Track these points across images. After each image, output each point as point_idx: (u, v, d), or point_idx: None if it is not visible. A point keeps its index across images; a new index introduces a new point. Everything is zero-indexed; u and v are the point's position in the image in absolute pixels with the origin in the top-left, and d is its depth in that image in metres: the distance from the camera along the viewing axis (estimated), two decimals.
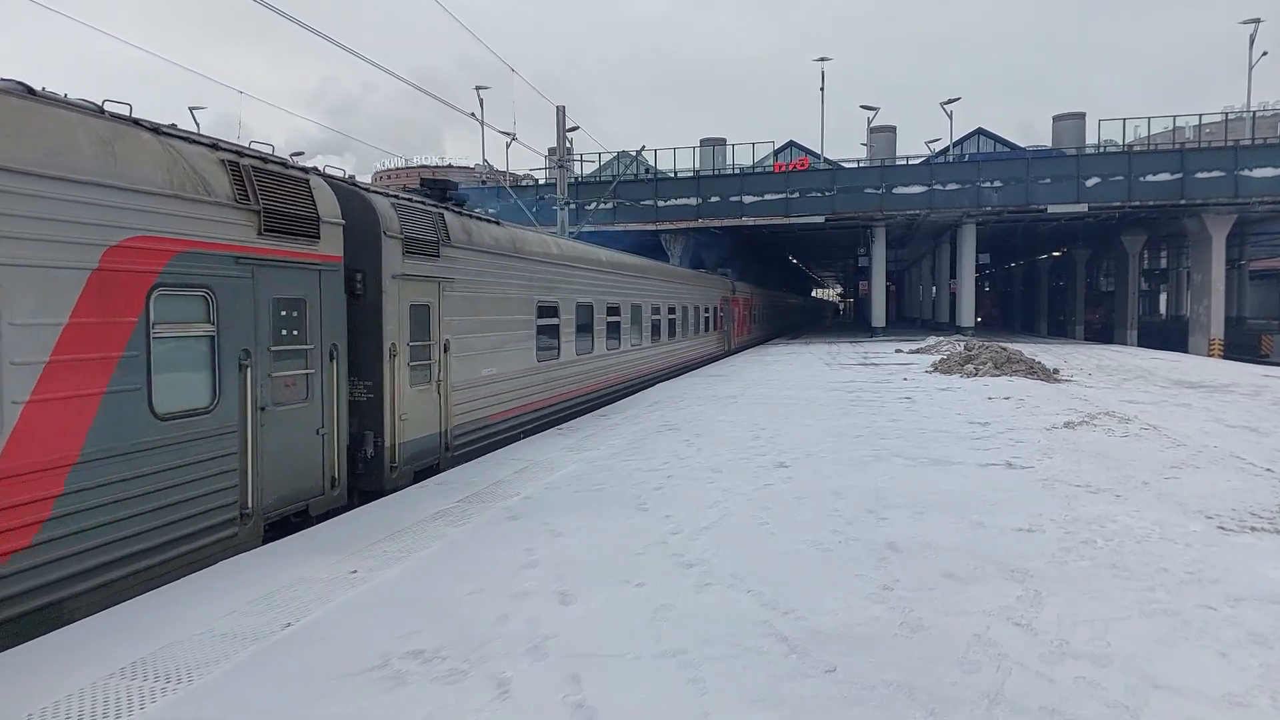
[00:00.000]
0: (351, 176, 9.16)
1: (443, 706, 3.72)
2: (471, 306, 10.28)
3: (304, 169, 7.53)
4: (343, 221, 7.65)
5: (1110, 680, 3.90)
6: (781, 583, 5.28)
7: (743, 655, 4.22)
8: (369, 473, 8.18)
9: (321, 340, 7.27)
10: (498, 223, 11.85)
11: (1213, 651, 4.22)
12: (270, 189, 6.67)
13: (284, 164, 7.20)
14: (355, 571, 5.61)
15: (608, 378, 16.74)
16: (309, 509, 7.16)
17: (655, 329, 20.81)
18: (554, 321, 13.40)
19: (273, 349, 6.65)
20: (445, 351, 9.51)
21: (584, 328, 15.14)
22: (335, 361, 7.46)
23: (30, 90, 5.12)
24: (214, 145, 6.46)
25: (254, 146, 7.13)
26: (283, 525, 6.89)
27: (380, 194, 8.85)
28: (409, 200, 9.42)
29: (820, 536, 6.31)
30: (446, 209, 10.30)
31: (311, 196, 7.21)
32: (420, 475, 8.96)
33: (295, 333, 6.95)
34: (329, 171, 8.59)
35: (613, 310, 16.85)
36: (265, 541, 6.52)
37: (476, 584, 5.33)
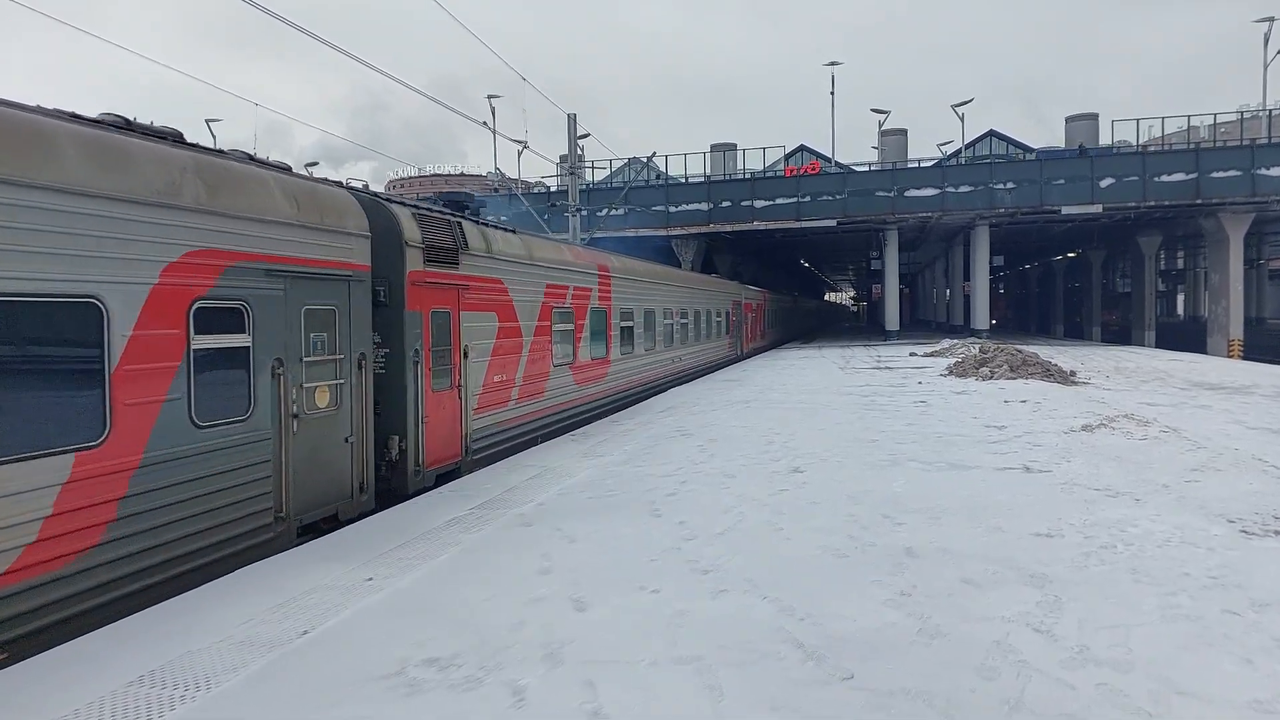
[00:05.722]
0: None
1: (459, 714, 3.72)
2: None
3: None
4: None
5: (1132, 687, 3.85)
6: (797, 588, 5.25)
7: (759, 661, 4.19)
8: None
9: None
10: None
11: (1237, 657, 4.16)
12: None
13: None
14: (371, 579, 5.62)
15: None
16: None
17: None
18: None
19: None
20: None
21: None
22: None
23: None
24: None
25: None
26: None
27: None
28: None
29: (836, 542, 6.28)
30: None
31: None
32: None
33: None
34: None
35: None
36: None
37: (491, 591, 5.33)
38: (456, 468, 9.62)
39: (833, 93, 47.76)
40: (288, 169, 7.45)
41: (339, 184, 8.61)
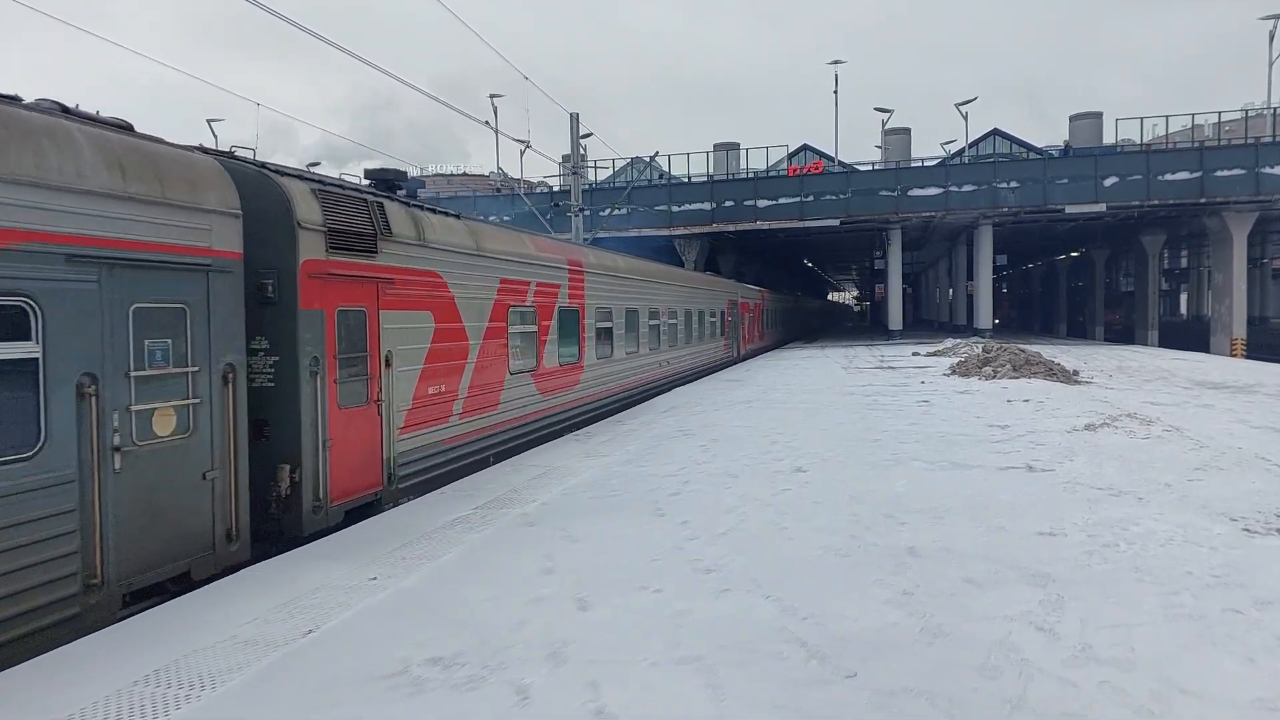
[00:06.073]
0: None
1: (462, 713, 3.73)
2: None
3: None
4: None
5: (1134, 685, 3.85)
6: (800, 588, 5.26)
7: (761, 661, 4.20)
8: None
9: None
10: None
11: (1239, 656, 4.17)
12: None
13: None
14: (375, 578, 5.64)
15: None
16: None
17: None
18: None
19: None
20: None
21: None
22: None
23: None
24: None
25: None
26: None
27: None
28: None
29: (839, 541, 6.28)
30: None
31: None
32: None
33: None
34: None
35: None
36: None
37: (494, 590, 5.34)
38: (376, 499, 7.92)
39: (836, 91, 47.78)
40: (127, 127, 5.90)
41: (205, 149, 6.80)
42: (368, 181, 9.60)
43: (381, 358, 8.00)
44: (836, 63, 47.85)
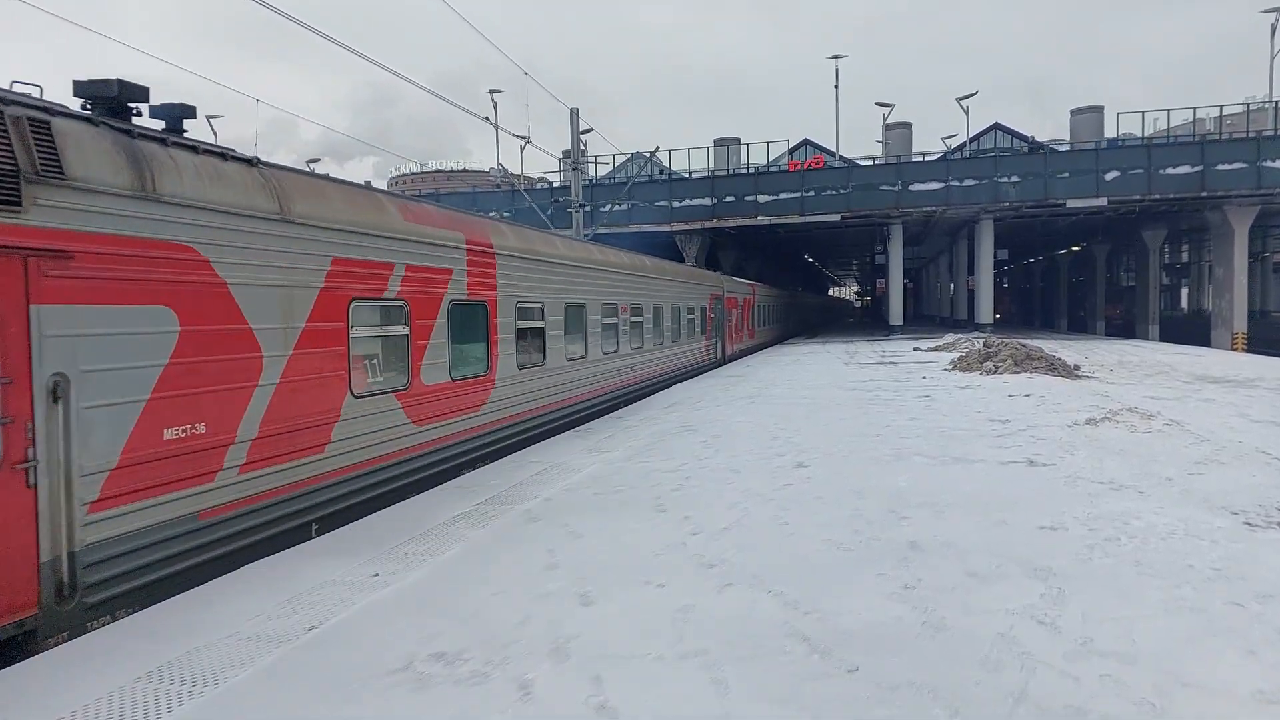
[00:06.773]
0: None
1: (466, 708, 3.75)
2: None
3: None
4: None
5: (1136, 678, 3.86)
6: (803, 583, 5.27)
7: (765, 656, 4.21)
8: None
9: None
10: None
11: (1240, 649, 4.17)
12: None
13: None
14: (378, 575, 5.65)
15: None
16: None
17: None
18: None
19: None
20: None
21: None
22: None
23: None
24: None
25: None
26: None
27: None
28: None
29: (841, 536, 6.29)
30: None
31: None
32: None
33: None
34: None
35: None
36: None
37: (498, 586, 5.35)
38: (24, 633, 4.62)
39: (837, 86, 47.71)
40: None
41: None
42: (82, 102, 5.71)
43: (39, 387, 4.75)
44: (837, 57, 47.82)
